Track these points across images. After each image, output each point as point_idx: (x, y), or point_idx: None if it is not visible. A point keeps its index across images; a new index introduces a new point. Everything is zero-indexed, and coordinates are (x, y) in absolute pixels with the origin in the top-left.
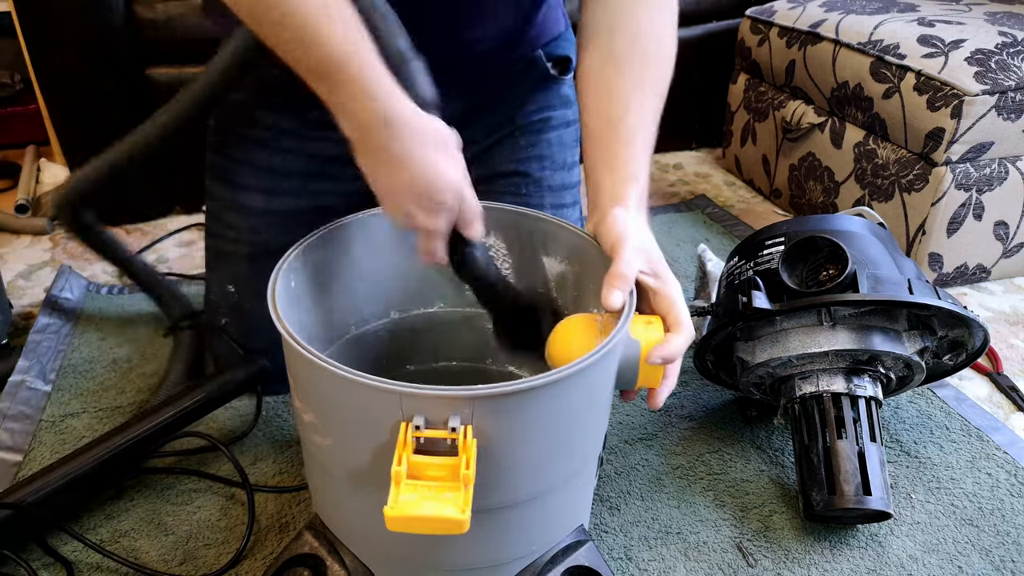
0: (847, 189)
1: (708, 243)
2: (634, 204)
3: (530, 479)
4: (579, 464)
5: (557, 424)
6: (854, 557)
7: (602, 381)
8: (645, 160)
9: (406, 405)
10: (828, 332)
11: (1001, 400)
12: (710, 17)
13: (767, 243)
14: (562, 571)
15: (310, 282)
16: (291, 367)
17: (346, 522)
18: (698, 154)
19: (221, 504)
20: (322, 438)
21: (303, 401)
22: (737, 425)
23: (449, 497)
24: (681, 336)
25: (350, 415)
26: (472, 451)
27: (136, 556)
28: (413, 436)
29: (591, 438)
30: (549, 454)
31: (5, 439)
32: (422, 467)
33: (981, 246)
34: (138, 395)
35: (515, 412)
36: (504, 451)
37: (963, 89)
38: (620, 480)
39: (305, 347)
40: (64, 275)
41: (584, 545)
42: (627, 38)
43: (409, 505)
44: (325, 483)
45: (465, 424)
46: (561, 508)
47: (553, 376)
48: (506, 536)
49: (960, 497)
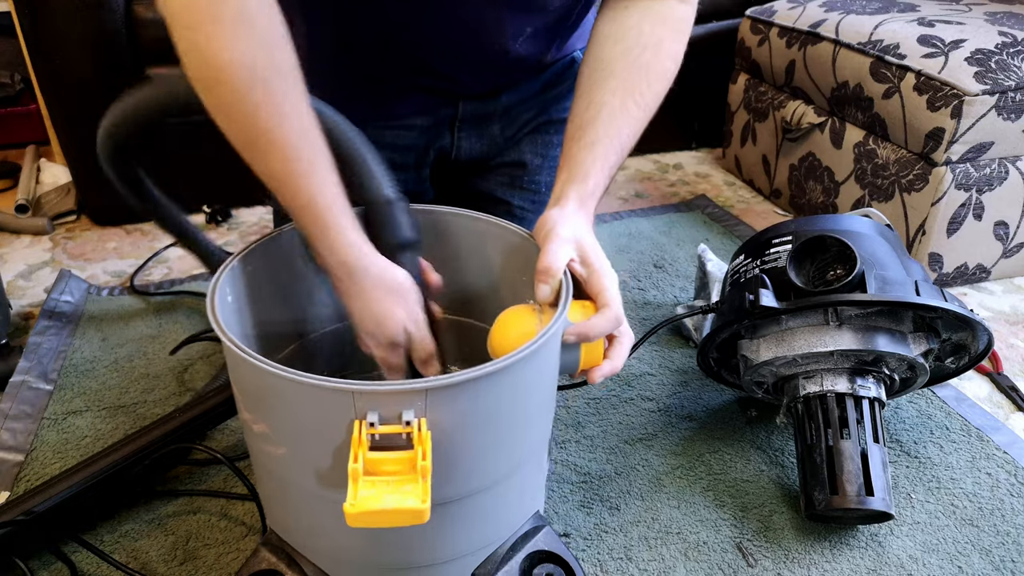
0: (847, 189)
1: (708, 243)
2: (572, 204)
3: (484, 468)
4: (530, 449)
5: (508, 410)
6: (854, 557)
7: (546, 365)
8: (602, 165)
9: (359, 403)
10: (834, 332)
11: (1001, 400)
12: (710, 17)
13: (774, 242)
14: (523, 557)
15: (251, 295)
16: (238, 379)
17: (305, 531)
18: (698, 154)
19: (221, 504)
20: (275, 447)
21: (252, 412)
22: (737, 425)
23: (408, 489)
24: (602, 317)
25: (303, 420)
26: (427, 443)
27: (136, 556)
28: (368, 433)
29: (540, 423)
30: (502, 441)
31: (7, 439)
32: (379, 463)
33: (981, 246)
34: (142, 395)
35: (467, 401)
36: (458, 442)
37: (963, 89)
38: (620, 480)
39: (253, 355)
40: (64, 278)
41: (542, 530)
42: (621, 48)
43: (369, 500)
44: (281, 494)
45: (419, 417)
46: (517, 495)
47: (501, 363)
48: (465, 528)
49: (960, 497)
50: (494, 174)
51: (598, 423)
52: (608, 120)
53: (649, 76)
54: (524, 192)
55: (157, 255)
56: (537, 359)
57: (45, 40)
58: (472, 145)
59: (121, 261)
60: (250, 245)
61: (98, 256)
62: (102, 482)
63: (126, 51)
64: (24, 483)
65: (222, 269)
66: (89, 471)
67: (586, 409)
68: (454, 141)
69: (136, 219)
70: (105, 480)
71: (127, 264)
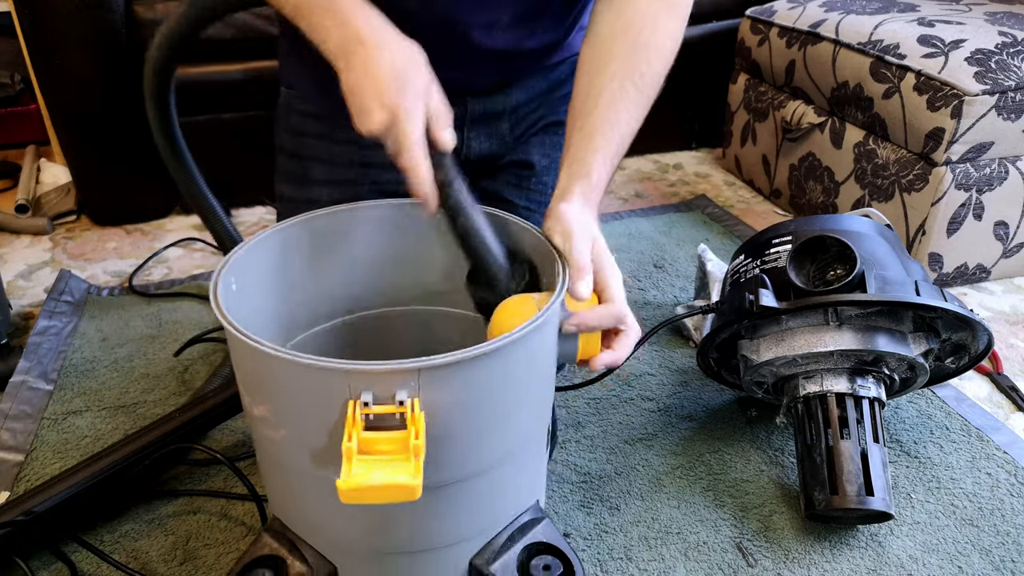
0: (847, 189)
1: (708, 243)
2: (578, 199)
3: (478, 451)
4: (525, 436)
5: (502, 392)
6: (854, 557)
7: (542, 350)
8: (604, 155)
9: (353, 382)
10: (834, 332)
11: (1001, 400)
12: (710, 17)
13: (774, 242)
14: (520, 548)
15: (257, 285)
16: (239, 362)
17: (305, 514)
18: (698, 154)
19: (221, 504)
20: (275, 431)
21: (252, 395)
22: (737, 425)
23: (400, 466)
24: (603, 309)
25: (300, 401)
26: (420, 422)
27: (136, 556)
28: (363, 413)
29: (536, 408)
30: (496, 424)
31: (7, 439)
32: (372, 442)
33: (981, 246)
34: (142, 395)
35: (460, 381)
36: (451, 423)
37: (963, 89)
38: (620, 480)
39: (251, 337)
40: (64, 279)
41: (541, 522)
42: (620, 26)
43: (361, 476)
44: (282, 479)
45: (412, 397)
46: (513, 483)
47: (495, 344)
48: (461, 513)
49: (960, 497)
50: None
51: (598, 423)
52: (607, 107)
53: (649, 55)
54: (531, 193)
55: (157, 255)
56: (532, 341)
57: (45, 40)
58: (482, 144)
59: (121, 261)
60: (258, 235)
61: (98, 256)
62: (102, 482)
63: (126, 51)
64: (24, 483)
65: (228, 257)
66: (89, 471)
67: (586, 409)
68: (464, 140)
69: (136, 219)
70: (105, 480)
71: (127, 264)
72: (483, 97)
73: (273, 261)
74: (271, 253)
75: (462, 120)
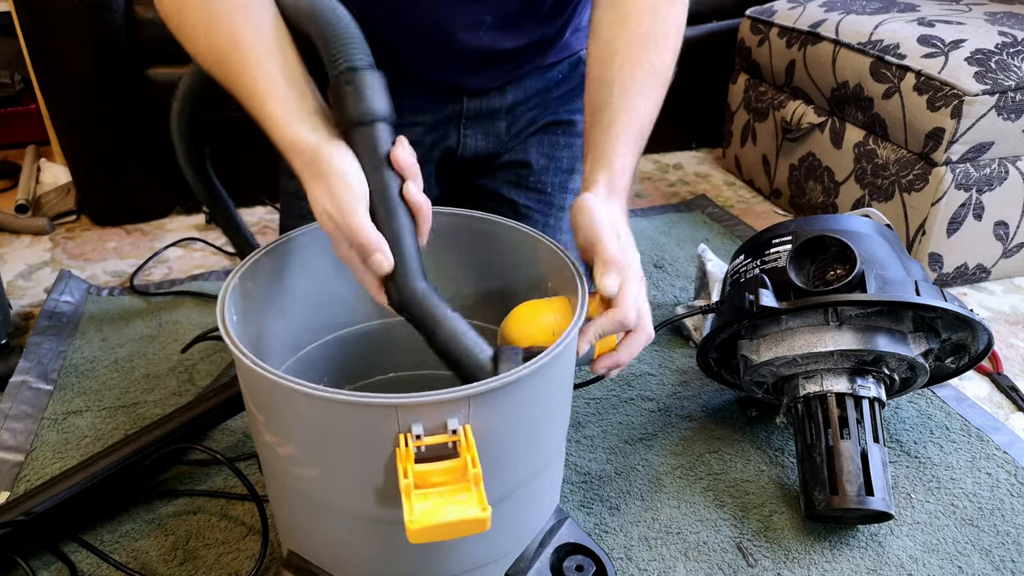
0: (847, 189)
1: (708, 243)
2: (603, 188)
3: (521, 467)
4: (558, 443)
5: (543, 408)
6: (854, 557)
7: (570, 360)
8: (624, 142)
9: (402, 416)
10: (834, 332)
11: (1001, 400)
12: (710, 17)
13: (774, 242)
14: (551, 551)
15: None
16: (263, 403)
17: (337, 549)
18: (698, 154)
19: (221, 504)
20: (305, 469)
21: (277, 435)
22: (737, 425)
23: (463, 498)
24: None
25: (341, 438)
26: (475, 449)
27: (136, 556)
28: (416, 446)
29: (564, 417)
30: (536, 439)
31: (7, 439)
32: (426, 475)
33: (981, 246)
34: (142, 395)
35: (508, 403)
36: (496, 444)
37: (963, 89)
38: (620, 480)
39: (289, 379)
40: (64, 278)
41: (564, 523)
42: (620, 16)
43: (429, 514)
44: (309, 514)
45: (463, 424)
46: (544, 491)
47: (539, 362)
48: (501, 531)
49: (960, 497)
50: (500, 172)
51: (598, 423)
52: (621, 95)
53: (654, 42)
54: (530, 192)
55: (157, 255)
56: (565, 354)
57: (45, 40)
58: (478, 143)
59: (121, 261)
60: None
61: (98, 256)
62: (102, 482)
63: (126, 51)
64: (24, 483)
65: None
66: (89, 471)
67: (586, 409)
68: (460, 138)
69: (136, 219)
70: (105, 480)
71: (127, 264)
72: (479, 96)
73: (273, 281)
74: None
75: (458, 117)
